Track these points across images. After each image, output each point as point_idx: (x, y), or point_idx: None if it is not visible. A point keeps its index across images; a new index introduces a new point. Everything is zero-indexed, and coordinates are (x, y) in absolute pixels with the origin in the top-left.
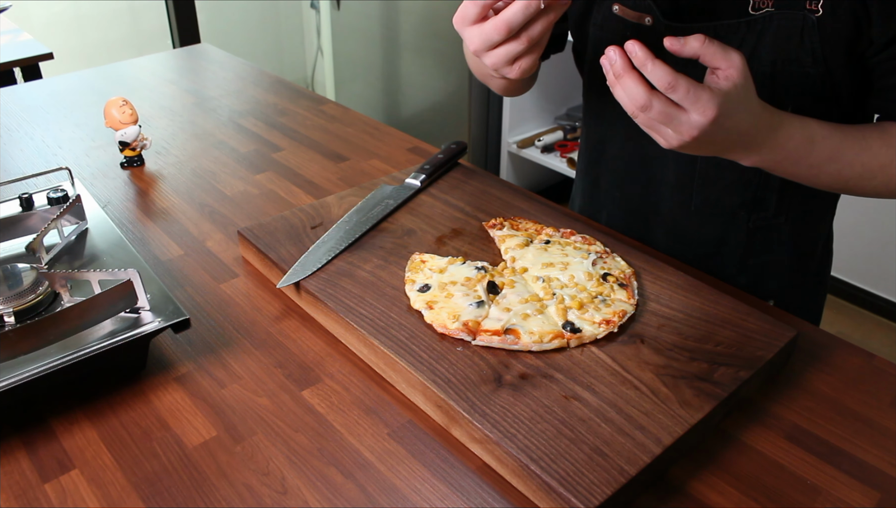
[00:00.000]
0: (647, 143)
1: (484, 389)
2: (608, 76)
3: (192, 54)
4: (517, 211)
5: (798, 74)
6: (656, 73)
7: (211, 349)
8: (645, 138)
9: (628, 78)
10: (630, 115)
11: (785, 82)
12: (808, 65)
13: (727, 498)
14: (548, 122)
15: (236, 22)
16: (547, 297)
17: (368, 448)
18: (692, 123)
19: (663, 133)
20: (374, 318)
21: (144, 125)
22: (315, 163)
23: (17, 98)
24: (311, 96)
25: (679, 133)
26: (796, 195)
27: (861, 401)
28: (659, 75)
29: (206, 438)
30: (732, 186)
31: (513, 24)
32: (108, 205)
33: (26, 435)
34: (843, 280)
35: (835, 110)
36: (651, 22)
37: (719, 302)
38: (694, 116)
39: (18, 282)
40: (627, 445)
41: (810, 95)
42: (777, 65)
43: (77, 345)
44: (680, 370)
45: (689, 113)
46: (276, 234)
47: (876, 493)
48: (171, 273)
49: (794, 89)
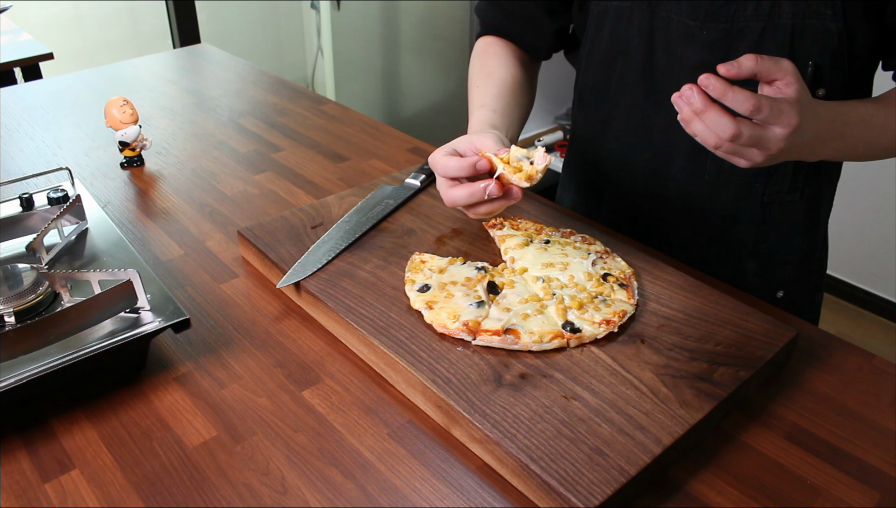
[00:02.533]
0: (653, 114)
1: (484, 389)
2: (683, 112)
3: (192, 54)
4: (517, 211)
5: (818, 30)
6: (738, 99)
7: (211, 349)
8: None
9: (712, 112)
10: (712, 148)
11: (805, 39)
12: (829, 18)
13: (727, 498)
14: (548, 122)
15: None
16: (547, 297)
17: (368, 448)
18: (778, 137)
19: (748, 154)
20: (374, 318)
21: (144, 125)
22: (315, 163)
23: (17, 98)
24: (311, 96)
25: (766, 149)
26: (810, 170)
27: (861, 401)
28: (741, 101)
29: (206, 438)
30: None
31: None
32: (108, 205)
33: (26, 435)
34: (843, 280)
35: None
36: None
37: (719, 302)
38: (778, 130)
39: (18, 282)
40: (627, 445)
41: (829, 52)
42: (798, 17)
43: (77, 345)
44: (680, 370)
45: (774, 128)
46: (276, 234)
47: (876, 493)
48: (171, 273)
49: (815, 47)
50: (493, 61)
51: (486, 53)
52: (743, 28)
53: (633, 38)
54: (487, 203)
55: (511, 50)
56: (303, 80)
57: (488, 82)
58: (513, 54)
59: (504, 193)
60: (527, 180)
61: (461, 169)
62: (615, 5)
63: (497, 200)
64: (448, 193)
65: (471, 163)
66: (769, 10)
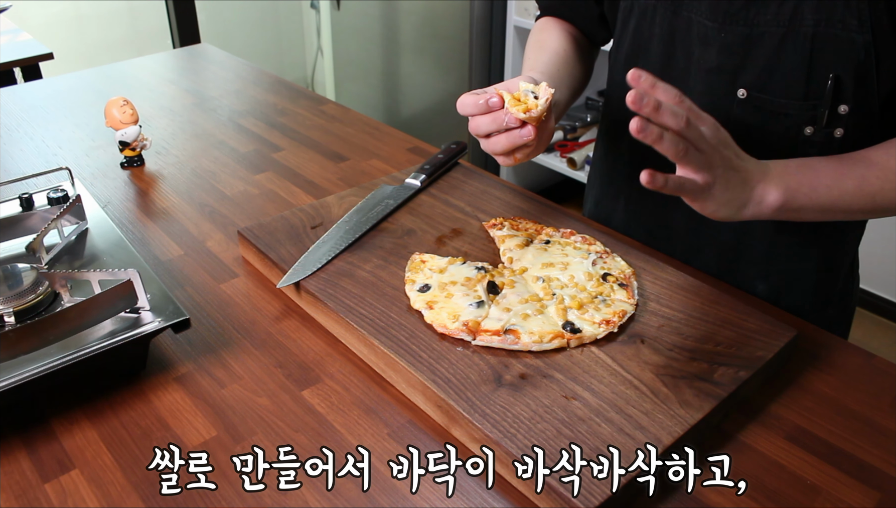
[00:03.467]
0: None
1: (484, 389)
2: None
3: (192, 54)
4: (517, 211)
5: (842, 41)
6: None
7: (211, 349)
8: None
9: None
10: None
11: (828, 49)
12: (854, 29)
13: (727, 498)
14: None
15: (236, 22)
16: (547, 297)
17: (368, 447)
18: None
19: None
20: (374, 318)
21: (144, 125)
22: (315, 163)
23: (17, 98)
24: (311, 96)
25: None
26: None
27: (861, 401)
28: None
29: (206, 438)
30: None
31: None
32: (108, 205)
33: (26, 435)
34: None
35: (873, 91)
36: None
37: (719, 302)
38: (706, 130)
39: (18, 282)
40: (627, 445)
41: (853, 66)
42: (820, 26)
43: (77, 345)
44: (680, 370)
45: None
46: (276, 234)
47: (876, 493)
48: (171, 273)
49: (837, 59)
50: (547, 36)
51: (541, 31)
52: (763, 33)
53: (655, 38)
54: (508, 141)
55: (567, 28)
56: (303, 80)
57: (539, 53)
58: (568, 32)
59: (520, 126)
60: (524, 113)
61: (475, 106)
62: (641, 3)
63: (515, 136)
64: (472, 120)
65: (484, 100)
66: (790, 16)
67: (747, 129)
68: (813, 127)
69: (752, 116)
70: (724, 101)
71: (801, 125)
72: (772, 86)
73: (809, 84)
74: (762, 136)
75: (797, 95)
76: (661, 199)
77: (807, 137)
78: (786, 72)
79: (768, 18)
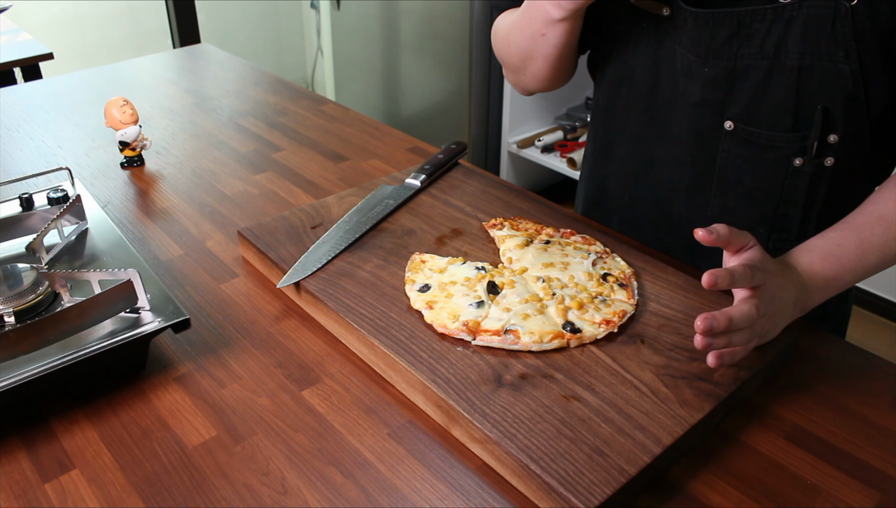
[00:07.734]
0: (655, 146)
1: (484, 389)
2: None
3: (192, 54)
4: (517, 211)
5: (829, 72)
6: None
7: (211, 349)
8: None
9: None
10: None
11: (815, 81)
12: (840, 60)
13: (727, 498)
14: (548, 122)
15: (236, 22)
16: (547, 297)
17: (368, 448)
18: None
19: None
20: (374, 318)
21: (144, 125)
22: (315, 163)
23: (17, 98)
24: (311, 96)
25: (750, 329)
26: (822, 216)
27: (861, 401)
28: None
29: (206, 438)
30: (752, 195)
31: None
32: (108, 205)
33: (26, 435)
34: None
35: (863, 117)
36: (669, 12)
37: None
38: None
39: (18, 282)
40: (627, 445)
41: (841, 96)
42: (806, 59)
43: (77, 345)
44: (680, 370)
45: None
46: (276, 234)
47: (876, 493)
48: (171, 273)
49: (824, 90)
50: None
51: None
52: (747, 66)
53: (639, 66)
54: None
55: None
56: (303, 80)
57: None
58: None
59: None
60: None
61: None
62: (624, 30)
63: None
64: None
65: None
66: (775, 49)
67: (736, 160)
68: (802, 158)
69: (741, 147)
70: (711, 133)
71: (791, 156)
72: (759, 118)
73: (797, 116)
74: (751, 167)
75: (785, 126)
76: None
77: (797, 168)
78: (773, 104)
79: (752, 52)
